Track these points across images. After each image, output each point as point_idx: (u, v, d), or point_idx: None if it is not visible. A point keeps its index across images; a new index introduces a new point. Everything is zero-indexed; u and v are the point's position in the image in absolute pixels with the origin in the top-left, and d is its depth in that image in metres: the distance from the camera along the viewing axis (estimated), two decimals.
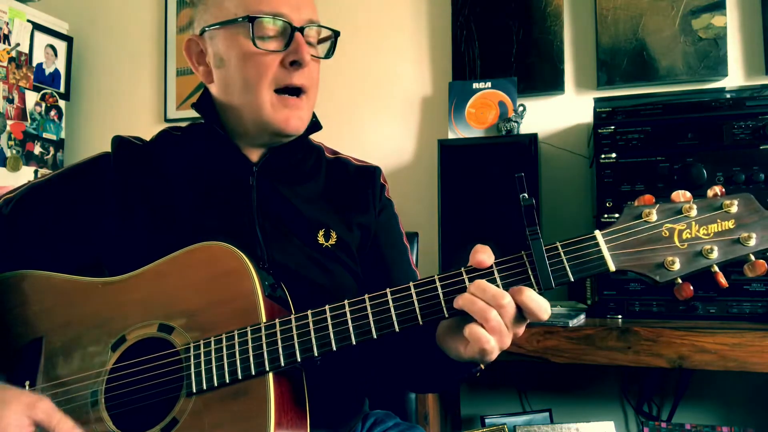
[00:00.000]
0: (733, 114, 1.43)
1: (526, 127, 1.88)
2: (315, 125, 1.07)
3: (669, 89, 1.72)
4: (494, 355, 0.76)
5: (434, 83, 2.08)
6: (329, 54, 1.04)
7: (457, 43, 2.03)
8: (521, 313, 0.75)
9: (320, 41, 1.04)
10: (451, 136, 1.94)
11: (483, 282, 0.75)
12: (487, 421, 1.73)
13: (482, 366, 0.88)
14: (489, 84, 1.94)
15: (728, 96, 1.46)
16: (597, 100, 1.60)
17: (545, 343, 1.32)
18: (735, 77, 1.79)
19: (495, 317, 0.73)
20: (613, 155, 1.50)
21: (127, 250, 0.95)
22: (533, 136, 1.71)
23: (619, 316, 1.45)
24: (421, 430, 1.14)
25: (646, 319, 1.41)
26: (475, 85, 1.95)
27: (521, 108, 1.88)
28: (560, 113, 1.94)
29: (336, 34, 1.04)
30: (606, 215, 1.49)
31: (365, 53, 2.13)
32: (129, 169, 1.00)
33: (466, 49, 2.01)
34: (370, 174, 1.11)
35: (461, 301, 0.75)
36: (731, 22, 1.80)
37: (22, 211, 0.99)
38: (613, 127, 1.51)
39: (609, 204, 1.49)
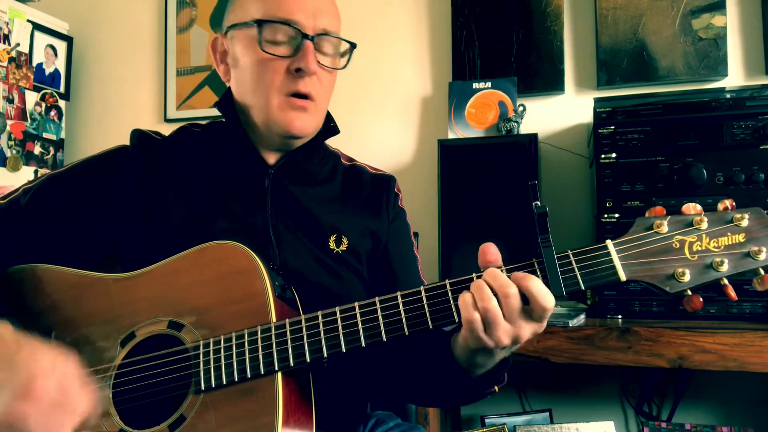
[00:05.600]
0: (733, 114, 1.43)
1: (526, 127, 1.88)
2: (332, 129, 1.08)
3: (669, 89, 1.72)
4: (495, 350, 0.78)
5: (434, 83, 2.08)
6: (344, 65, 1.03)
7: (457, 43, 2.03)
8: (526, 305, 0.75)
9: (342, 54, 1.03)
10: (451, 136, 1.94)
11: (495, 270, 0.76)
12: (487, 421, 1.74)
13: (496, 388, 0.89)
14: (489, 84, 1.94)
15: (728, 96, 1.46)
16: (597, 100, 1.60)
17: (545, 343, 1.32)
18: (735, 77, 1.79)
19: (494, 306, 0.74)
20: (613, 155, 1.50)
21: (141, 246, 0.96)
22: (533, 136, 1.71)
23: (619, 316, 1.45)
24: (422, 431, 1.14)
25: (646, 319, 1.41)
26: (475, 85, 1.95)
27: (521, 108, 1.88)
28: (560, 113, 1.94)
29: (352, 46, 1.03)
30: (606, 215, 1.49)
31: (365, 54, 2.13)
32: (147, 163, 1.01)
33: (466, 49, 2.01)
34: (385, 182, 1.12)
35: (472, 288, 0.76)
36: (731, 22, 1.80)
37: (39, 202, 0.99)
38: (613, 127, 1.51)
39: (609, 204, 1.49)
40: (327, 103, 1.04)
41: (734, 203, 0.77)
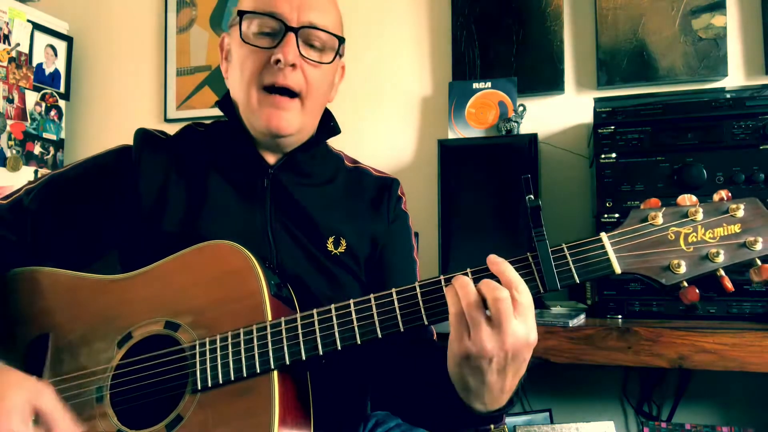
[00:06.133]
0: (733, 114, 1.43)
1: (526, 127, 1.88)
2: (333, 129, 1.07)
3: (669, 89, 1.72)
4: (481, 359, 0.74)
5: (434, 83, 2.08)
6: (331, 60, 1.01)
7: (457, 43, 2.03)
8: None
9: (337, 52, 1.02)
10: (451, 136, 1.94)
11: (463, 279, 0.75)
12: None
13: (492, 427, 0.88)
14: (489, 84, 1.94)
15: (728, 96, 1.46)
16: (597, 100, 1.60)
17: (545, 343, 1.32)
18: (735, 77, 1.79)
19: (470, 311, 0.73)
20: (613, 155, 1.50)
21: (141, 246, 0.96)
22: (533, 136, 1.71)
23: (619, 316, 1.45)
24: (422, 431, 1.14)
25: (646, 319, 1.41)
26: (475, 85, 1.95)
27: (521, 108, 1.88)
28: (560, 113, 1.93)
29: (340, 40, 1.02)
30: (606, 215, 1.49)
31: (365, 53, 2.13)
32: (150, 164, 1.01)
33: (466, 49, 2.01)
34: (387, 185, 1.11)
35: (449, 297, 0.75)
36: (731, 22, 1.80)
37: (42, 203, 0.99)
38: (613, 127, 1.50)
39: (609, 204, 1.49)
40: (317, 101, 1.02)
41: (730, 194, 0.76)
